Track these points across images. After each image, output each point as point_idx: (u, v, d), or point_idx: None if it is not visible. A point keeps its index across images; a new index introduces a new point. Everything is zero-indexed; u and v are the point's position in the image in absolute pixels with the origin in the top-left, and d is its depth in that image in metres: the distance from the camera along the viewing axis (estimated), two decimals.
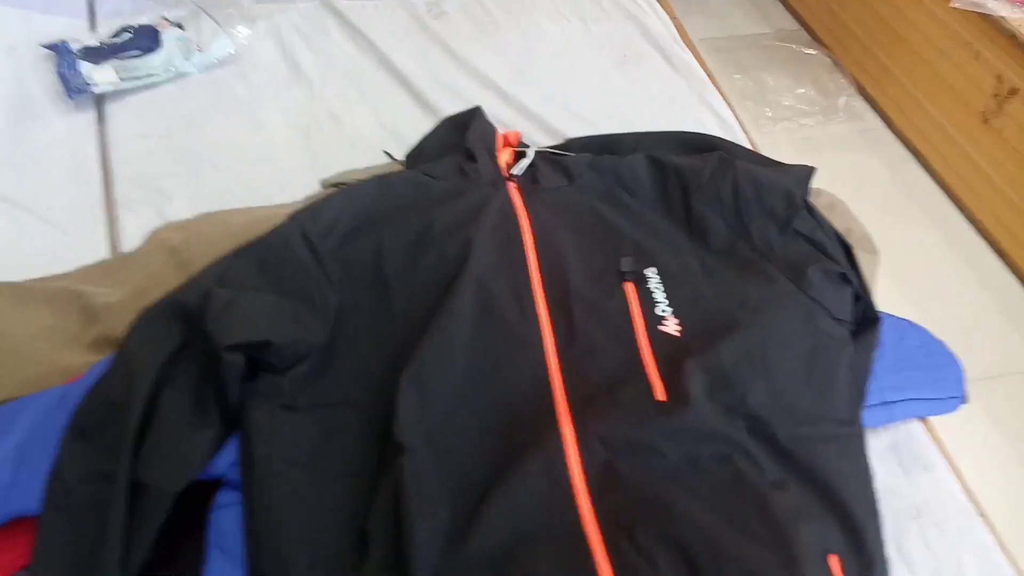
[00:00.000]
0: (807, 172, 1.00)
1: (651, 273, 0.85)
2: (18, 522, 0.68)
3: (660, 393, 0.74)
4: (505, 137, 1.05)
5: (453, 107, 1.20)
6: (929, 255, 1.73)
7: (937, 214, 1.83)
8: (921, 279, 1.62)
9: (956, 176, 1.86)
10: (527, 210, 0.90)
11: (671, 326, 0.81)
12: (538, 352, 0.77)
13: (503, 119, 1.23)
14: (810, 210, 0.92)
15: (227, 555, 0.66)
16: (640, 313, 0.81)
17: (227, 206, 1.04)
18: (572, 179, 0.95)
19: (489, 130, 1.04)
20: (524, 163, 0.97)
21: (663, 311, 0.82)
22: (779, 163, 1.03)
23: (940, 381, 0.92)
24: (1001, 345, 1.54)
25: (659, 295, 0.83)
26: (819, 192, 1.05)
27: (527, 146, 1.02)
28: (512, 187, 0.93)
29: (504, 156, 1.00)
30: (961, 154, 1.84)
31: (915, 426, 0.88)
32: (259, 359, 0.73)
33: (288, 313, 0.76)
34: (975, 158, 1.79)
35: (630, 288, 0.84)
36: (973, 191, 1.82)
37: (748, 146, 1.20)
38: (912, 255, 1.68)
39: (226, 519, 0.67)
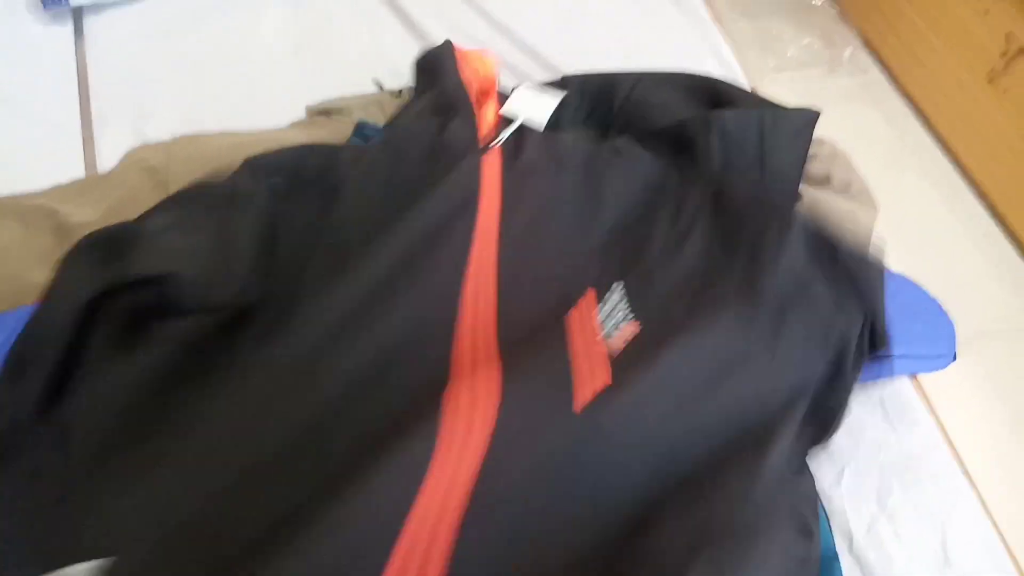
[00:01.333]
0: (810, 119, 0.96)
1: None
2: None
3: None
4: (481, 85, 0.91)
5: (445, 36, 1.16)
6: (924, 212, 1.71)
7: (935, 172, 1.81)
8: (914, 235, 1.60)
9: (957, 135, 1.83)
10: (502, 195, 0.78)
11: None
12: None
13: (498, 51, 1.19)
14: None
15: None
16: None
17: (207, 127, 1.00)
18: (561, 169, 0.83)
19: (456, 81, 0.90)
20: (506, 133, 0.86)
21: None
22: (782, 107, 0.99)
23: (932, 338, 0.91)
24: (990, 305, 1.54)
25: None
26: (822, 141, 1.02)
27: (506, 96, 0.94)
28: (489, 161, 0.81)
29: (489, 111, 0.89)
30: (963, 113, 1.80)
31: (903, 381, 0.87)
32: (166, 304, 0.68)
33: (205, 256, 0.71)
34: (977, 118, 1.76)
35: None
36: (973, 152, 1.79)
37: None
38: (907, 211, 1.65)
39: None
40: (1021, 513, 0.84)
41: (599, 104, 1.03)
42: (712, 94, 1.02)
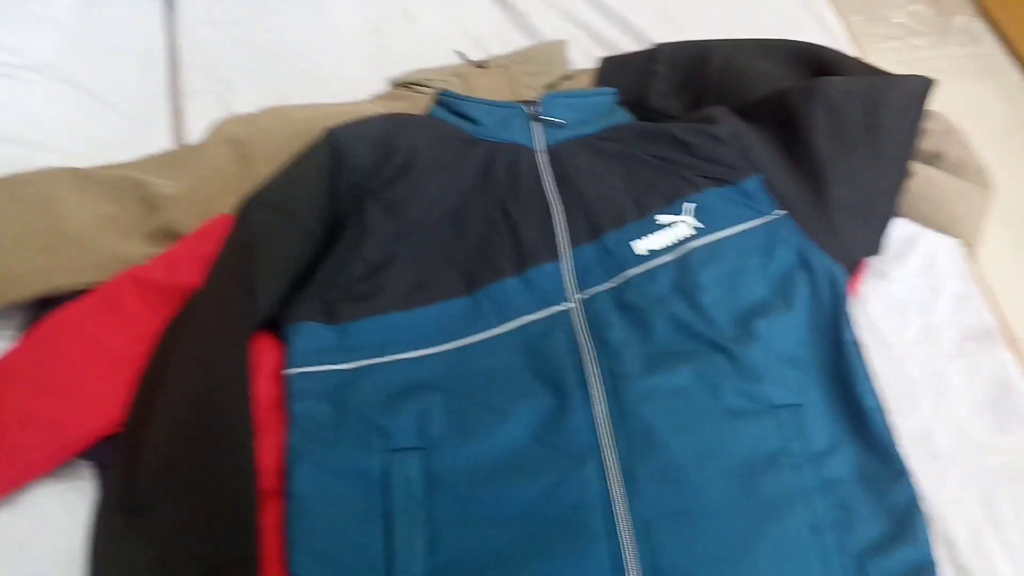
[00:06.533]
0: (924, 89, 0.88)
1: None
2: None
3: None
4: None
5: (531, 6, 1.13)
6: None
7: None
8: None
9: None
10: None
11: None
12: None
13: (585, 20, 1.15)
14: None
15: None
16: None
17: (292, 100, 1.00)
18: None
19: None
20: None
21: None
22: (892, 75, 0.92)
23: None
24: None
25: None
26: (935, 116, 0.94)
27: None
28: None
29: None
30: None
31: (1016, 380, 0.80)
32: None
33: None
34: None
35: None
36: None
37: None
38: (1022, 196, 1.54)
39: None
40: None
41: (692, 75, 0.98)
42: (815, 62, 0.95)
